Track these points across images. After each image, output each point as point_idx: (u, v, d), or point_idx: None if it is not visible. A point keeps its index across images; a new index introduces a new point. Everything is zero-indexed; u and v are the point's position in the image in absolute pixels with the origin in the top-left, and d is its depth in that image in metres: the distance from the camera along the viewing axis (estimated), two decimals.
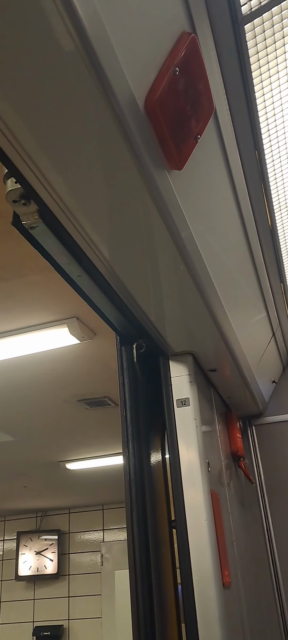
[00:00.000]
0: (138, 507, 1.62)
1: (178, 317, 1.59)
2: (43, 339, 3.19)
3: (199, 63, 0.99)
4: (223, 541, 1.67)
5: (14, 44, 0.75)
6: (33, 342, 3.21)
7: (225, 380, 2.07)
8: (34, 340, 3.20)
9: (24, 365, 3.55)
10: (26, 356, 3.38)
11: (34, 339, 3.18)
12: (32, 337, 3.17)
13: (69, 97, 0.85)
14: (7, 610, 8.29)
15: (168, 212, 1.12)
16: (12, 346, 3.25)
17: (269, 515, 2.44)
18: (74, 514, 8.58)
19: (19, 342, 3.21)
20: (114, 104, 0.86)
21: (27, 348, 3.28)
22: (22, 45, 0.76)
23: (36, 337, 3.18)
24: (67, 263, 1.30)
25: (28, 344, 3.23)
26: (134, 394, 1.74)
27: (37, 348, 3.29)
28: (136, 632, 1.52)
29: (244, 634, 1.78)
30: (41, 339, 3.19)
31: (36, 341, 3.21)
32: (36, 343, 3.23)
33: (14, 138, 0.88)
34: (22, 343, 3.22)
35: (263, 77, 1.17)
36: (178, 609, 1.59)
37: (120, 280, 1.33)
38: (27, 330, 3.16)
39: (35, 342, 3.22)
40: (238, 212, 1.51)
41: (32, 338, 3.18)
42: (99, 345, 3.39)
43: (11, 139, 0.88)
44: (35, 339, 3.19)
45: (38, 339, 3.19)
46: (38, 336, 3.17)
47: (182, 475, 1.61)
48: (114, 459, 5.92)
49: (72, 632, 7.94)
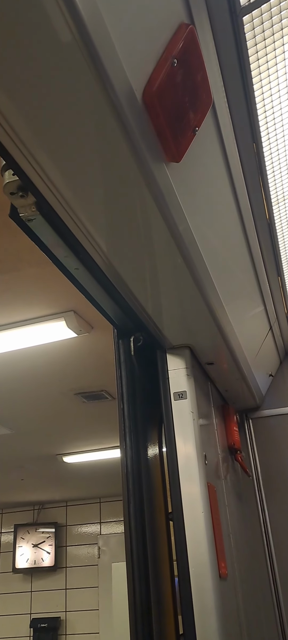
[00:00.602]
0: (135, 500, 1.63)
1: (175, 310, 1.59)
2: (40, 332, 3.19)
3: (197, 55, 0.99)
4: (219, 533, 1.68)
5: (11, 35, 0.75)
6: (30, 335, 3.21)
7: (222, 374, 2.07)
8: (31, 334, 3.20)
9: (21, 358, 3.54)
10: (23, 350, 3.38)
11: (31, 332, 3.18)
12: (29, 330, 3.17)
13: (66, 89, 0.84)
14: (5, 602, 8.32)
15: (165, 205, 1.12)
16: (9, 340, 3.24)
17: (265, 508, 2.45)
18: (71, 507, 8.60)
19: (16, 335, 3.21)
20: (112, 95, 0.86)
21: (24, 342, 3.28)
22: (19, 37, 0.76)
23: (33, 331, 3.18)
24: (65, 256, 1.29)
25: (25, 337, 3.23)
26: (131, 387, 1.74)
27: (34, 342, 3.29)
28: (133, 623, 1.53)
29: (240, 624, 1.79)
30: (38, 333, 3.19)
31: (33, 335, 3.21)
32: (33, 336, 3.23)
33: (12, 130, 0.87)
34: (19, 337, 3.22)
35: (261, 69, 1.17)
36: (175, 600, 1.59)
37: (117, 272, 1.33)
38: (24, 324, 3.16)
39: (32, 336, 3.22)
40: (236, 205, 1.51)
41: (29, 331, 3.18)
42: (96, 338, 3.39)
43: (9, 131, 0.88)
44: (32, 332, 3.19)
45: (35, 333, 3.19)
46: (35, 330, 3.17)
47: (179, 468, 1.61)
48: (110, 452, 5.93)
49: (69, 624, 7.97)
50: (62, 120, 0.89)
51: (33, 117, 0.87)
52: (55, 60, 0.80)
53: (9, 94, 0.83)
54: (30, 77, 0.81)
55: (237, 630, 1.74)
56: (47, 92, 0.84)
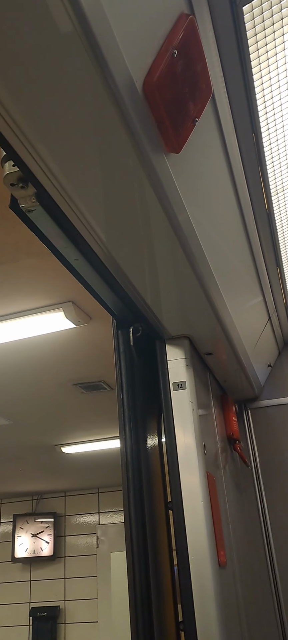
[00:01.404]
0: (135, 489, 1.64)
1: (174, 300, 1.59)
2: (38, 323, 3.19)
3: (197, 45, 0.99)
4: (219, 522, 1.69)
5: (11, 25, 0.75)
6: (28, 326, 3.21)
7: (221, 364, 2.08)
8: (30, 325, 3.20)
9: (20, 349, 3.55)
10: (22, 340, 3.38)
11: (30, 323, 3.18)
12: (27, 321, 3.17)
13: (67, 79, 0.84)
14: (4, 591, 8.37)
15: (165, 195, 1.12)
16: (8, 330, 3.25)
17: (264, 497, 2.46)
18: (70, 497, 8.64)
19: (14, 326, 3.21)
20: (112, 86, 0.86)
21: (22, 332, 3.28)
22: (18, 27, 0.75)
23: (32, 322, 3.18)
24: (64, 246, 1.30)
25: (23, 328, 3.23)
26: (130, 378, 1.75)
27: (33, 332, 3.29)
28: (133, 611, 1.55)
29: (239, 612, 1.81)
30: (37, 323, 3.19)
31: (32, 325, 3.21)
32: (32, 327, 3.23)
33: (12, 121, 0.87)
34: (18, 327, 3.22)
35: (261, 60, 1.16)
36: (175, 588, 1.61)
37: (117, 263, 1.33)
38: (22, 315, 3.16)
39: (31, 327, 3.22)
40: (235, 196, 1.51)
41: (28, 322, 3.18)
42: (94, 329, 3.40)
43: (10, 122, 0.88)
44: (31, 323, 3.19)
45: (33, 323, 3.19)
46: (33, 320, 3.17)
47: (178, 457, 1.62)
48: (109, 443, 5.95)
49: (68, 612, 8.03)
50: (62, 111, 0.89)
51: (33, 108, 0.87)
52: (55, 51, 0.80)
53: (9, 85, 0.83)
54: (30, 68, 0.81)
55: (236, 618, 1.76)
56: (47, 83, 0.84)
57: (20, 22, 0.75)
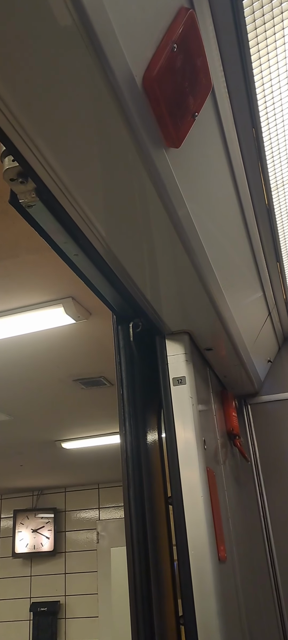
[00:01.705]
0: (135, 484, 1.64)
1: (174, 295, 1.59)
2: (38, 318, 3.19)
3: (197, 39, 0.98)
4: (219, 517, 1.69)
5: (10, 20, 0.74)
6: (28, 322, 3.21)
7: (221, 360, 2.08)
8: (30, 320, 3.20)
9: (20, 345, 3.55)
10: (21, 336, 3.39)
11: (29, 318, 3.19)
12: (27, 317, 3.17)
13: (66, 74, 0.84)
14: (5, 587, 8.39)
15: (165, 190, 1.12)
16: (8, 326, 3.25)
17: (264, 493, 2.47)
18: (70, 493, 8.66)
19: (14, 322, 3.21)
20: (112, 81, 0.85)
21: (22, 328, 3.28)
22: (18, 22, 0.75)
23: (31, 317, 3.18)
24: (64, 242, 1.29)
25: (23, 323, 3.23)
26: (130, 373, 1.75)
27: (33, 328, 3.29)
28: (133, 605, 1.55)
29: (239, 606, 1.81)
30: (36, 319, 3.19)
31: (31, 321, 3.21)
32: (31, 323, 3.23)
33: (12, 116, 0.87)
34: (18, 323, 3.22)
35: (261, 54, 1.16)
36: (175, 583, 1.61)
37: (116, 258, 1.33)
38: (22, 310, 3.16)
39: (31, 322, 3.22)
40: (235, 191, 1.51)
41: (28, 318, 3.18)
42: (94, 325, 3.40)
43: (9, 117, 0.87)
44: (31, 318, 3.19)
45: (33, 319, 3.19)
46: (33, 316, 3.17)
47: (178, 452, 1.62)
48: (109, 439, 5.96)
49: (69, 607, 8.05)
50: (62, 105, 0.89)
51: (33, 103, 0.87)
52: (54, 45, 0.80)
53: (8, 80, 0.83)
54: (29, 62, 0.81)
55: (236, 612, 1.76)
56: (46, 77, 0.84)
57: (19, 15, 0.74)
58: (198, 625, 1.46)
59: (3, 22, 0.74)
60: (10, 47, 0.78)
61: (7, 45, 0.77)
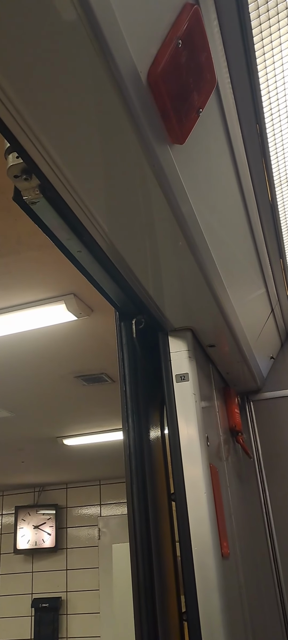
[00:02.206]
0: (138, 480, 1.64)
1: (177, 292, 1.59)
2: (40, 315, 3.19)
3: (202, 35, 0.98)
4: (222, 513, 1.70)
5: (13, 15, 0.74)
6: (30, 318, 3.21)
7: (223, 356, 2.08)
8: (31, 317, 3.20)
9: (21, 341, 3.55)
10: (23, 333, 3.39)
11: (31, 315, 3.19)
12: (29, 313, 3.17)
13: (71, 70, 0.84)
14: (6, 583, 8.41)
15: (169, 186, 1.12)
16: (9, 323, 3.25)
17: (266, 489, 2.47)
18: (72, 489, 8.67)
19: (16, 318, 3.21)
20: (117, 77, 0.85)
21: (24, 325, 3.28)
22: (21, 17, 0.75)
23: (33, 314, 3.18)
24: (67, 238, 1.29)
25: (25, 320, 3.23)
26: (133, 370, 1.75)
27: (34, 325, 3.29)
28: (137, 601, 1.55)
29: (242, 602, 1.82)
30: (38, 316, 3.19)
31: (33, 318, 3.21)
32: (33, 320, 3.23)
33: (16, 112, 0.87)
34: (19, 320, 3.22)
35: (265, 50, 1.16)
36: (178, 579, 1.61)
37: (120, 254, 1.33)
38: (24, 307, 3.16)
39: (33, 319, 3.22)
40: (239, 187, 1.51)
41: (29, 315, 3.18)
42: (96, 321, 3.40)
43: (14, 114, 0.87)
44: (33, 315, 3.19)
45: (35, 316, 3.19)
46: (35, 313, 3.17)
47: (181, 449, 1.63)
48: (110, 435, 5.97)
49: (70, 603, 8.07)
50: (66, 101, 0.89)
51: (37, 99, 0.87)
52: (59, 40, 0.79)
53: (13, 76, 0.82)
54: (34, 58, 0.81)
55: (239, 608, 1.76)
56: (51, 73, 0.83)
57: (22, 10, 0.74)
58: (201, 621, 1.46)
59: (7, 19, 0.74)
60: (13, 44, 0.78)
61: (11, 42, 0.77)
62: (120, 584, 6.79)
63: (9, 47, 0.78)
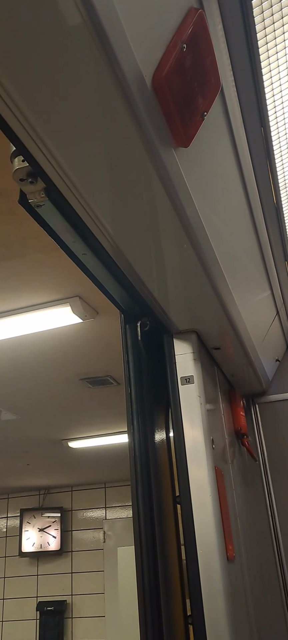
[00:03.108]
0: (143, 482, 1.64)
1: (182, 294, 1.59)
2: (45, 318, 3.20)
3: (206, 39, 0.98)
4: (227, 516, 1.69)
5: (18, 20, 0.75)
6: (35, 321, 3.22)
7: (228, 359, 2.08)
8: (37, 320, 3.21)
9: (27, 344, 3.56)
10: (29, 335, 3.40)
11: (37, 318, 3.20)
12: (34, 316, 3.18)
13: (76, 74, 0.84)
14: (12, 586, 8.42)
15: (174, 189, 1.12)
16: (15, 325, 3.26)
17: (272, 492, 2.46)
18: (77, 492, 8.67)
19: (21, 321, 3.22)
20: (122, 81, 0.86)
21: (29, 327, 3.29)
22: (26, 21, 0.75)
23: (38, 316, 3.19)
24: (73, 241, 1.30)
25: (30, 323, 3.24)
26: (138, 372, 1.75)
27: (40, 327, 3.30)
28: (142, 604, 1.55)
29: (247, 605, 1.81)
30: (43, 318, 3.20)
31: (38, 320, 3.22)
32: (38, 322, 3.24)
33: (22, 116, 0.88)
34: (25, 322, 3.23)
35: (270, 53, 1.16)
36: (183, 582, 1.61)
37: (125, 257, 1.34)
38: (29, 310, 3.17)
39: (38, 321, 3.23)
40: (244, 189, 1.51)
41: (35, 317, 3.19)
42: (101, 324, 3.40)
43: (20, 118, 0.88)
44: (38, 318, 3.20)
45: (40, 318, 3.20)
46: (40, 315, 3.18)
47: (186, 452, 1.63)
48: (116, 438, 5.97)
49: (75, 607, 8.07)
50: (71, 105, 0.89)
51: (43, 103, 0.88)
52: (64, 45, 0.80)
53: (18, 80, 0.83)
54: (39, 62, 0.81)
55: (244, 612, 1.76)
56: (56, 77, 0.84)
57: (27, 15, 0.75)
58: (207, 625, 1.46)
59: (12, 24, 0.75)
60: (18, 48, 0.78)
61: (15, 46, 0.78)
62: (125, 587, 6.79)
63: (14, 52, 0.79)
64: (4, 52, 0.78)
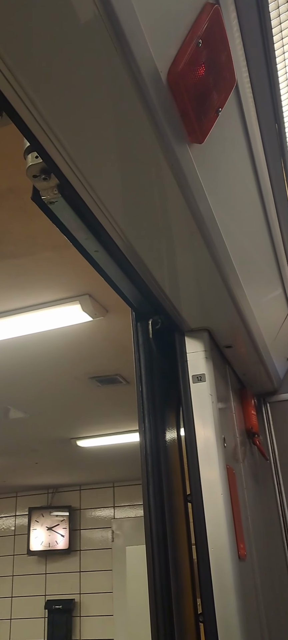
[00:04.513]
0: (154, 481, 1.64)
1: (194, 292, 1.59)
2: (55, 316, 3.20)
3: (222, 35, 0.98)
4: (238, 515, 1.69)
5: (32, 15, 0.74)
6: (45, 319, 3.23)
7: (240, 357, 2.07)
8: (46, 318, 3.22)
9: (36, 342, 3.57)
10: (38, 334, 3.40)
11: (46, 316, 3.20)
12: (44, 314, 3.19)
13: (91, 69, 0.84)
14: (20, 584, 8.45)
15: (187, 185, 1.12)
16: (25, 323, 3.27)
17: (283, 491, 2.45)
18: (85, 491, 8.68)
19: (31, 319, 3.23)
20: (137, 76, 0.85)
21: (39, 325, 3.30)
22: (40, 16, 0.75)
23: (48, 315, 3.19)
24: (85, 238, 1.30)
25: (40, 321, 3.25)
26: (149, 370, 1.75)
27: (49, 325, 3.30)
28: (153, 602, 1.55)
29: (258, 604, 1.80)
30: (53, 316, 3.21)
31: (48, 318, 3.22)
32: (48, 320, 3.24)
33: (37, 112, 0.88)
34: (34, 320, 3.24)
35: (285, 49, 1.15)
36: (194, 580, 1.61)
37: (137, 254, 1.33)
38: (39, 308, 3.17)
39: (47, 320, 3.24)
40: (257, 186, 1.50)
41: (44, 315, 3.20)
42: (111, 322, 3.40)
43: (34, 113, 0.88)
44: (48, 316, 3.20)
45: (50, 316, 3.21)
46: (50, 313, 3.19)
47: (198, 450, 1.62)
48: (124, 437, 5.96)
49: (84, 606, 8.08)
50: (86, 101, 0.89)
51: (58, 99, 0.88)
52: (80, 40, 0.80)
53: (34, 78, 0.83)
54: (54, 58, 0.81)
55: (255, 610, 1.75)
56: (72, 73, 0.84)
57: (42, 9, 0.74)
58: (218, 623, 1.46)
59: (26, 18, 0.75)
60: (33, 43, 0.78)
61: (30, 43, 0.78)
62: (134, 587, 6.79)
63: (27, 46, 0.78)
64: (20, 49, 0.78)
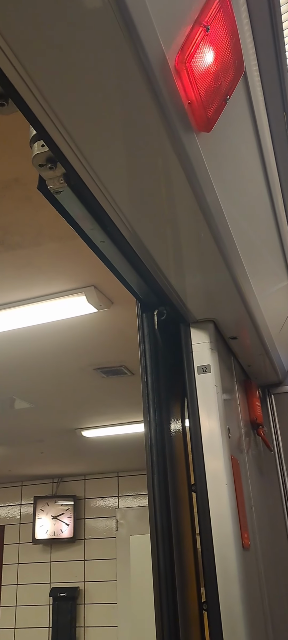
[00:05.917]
0: (159, 471, 1.64)
1: (200, 283, 1.58)
2: (60, 307, 3.20)
3: (231, 22, 0.97)
4: (242, 505, 1.69)
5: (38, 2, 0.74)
6: (50, 310, 3.22)
7: (245, 349, 2.06)
8: (51, 309, 3.21)
9: (42, 333, 3.57)
10: (43, 325, 3.40)
11: (51, 307, 3.20)
12: (49, 305, 3.18)
13: (99, 56, 0.84)
14: (25, 572, 8.51)
15: (194, 175, 1.11)
16: (30, 314, 3.27)
17: (287, 481, 2.45)
18: (90, 481, 8.72)
19: (36, 310, 3.22)
20: (145, 63, 0.85)
21: (44, 317, 3.29)
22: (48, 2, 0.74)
23: (53, 306, 3.19)
24: (91, 228, 1.30)
25: (45, 312, 3.24)
26: (154, 361, 1.75)
27: (55, 317, 3.30)
28: (157, 591, 1.56)
29: (262, 593, 1.81)
30: (58, 308, 3.20)
31: (53, 310, 3.22)
32: (53, 311, 3.24)
33: (45, 101, 0.87)
34: (40, 311, 3.24)
35: None
36: (198, 570, 1.62)
37: (143, 244, 1.33)
38: (44, 299, 3.17)
39: (53, 311, 3.23)
40: (264, 177, 1.49)
41: (50, 306, 3.19)
42: (116, 314, 3.40)
43: (43, 103, 0.88)
44: (53, 307, 3.20)
45: (55, 308, 3.20)
46: (55, 304, 3.18)
47: (202, 441, 1.62)
48: (129, 428, 5.98)
49: (88, 593, 8.13)
50: (94, 88, 0.89)
51: (65, 86, 0.87)
52: (88, 26, 0.79)
53: (41, 66, 0.83)
54: (62, 45, 0.81)
55: (259, 599, 1.76)
56: (79, 60, 0.83)
57: None
58: (222, 611, 1.47)
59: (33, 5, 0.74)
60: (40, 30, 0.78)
61: (37, 28, 0.77)
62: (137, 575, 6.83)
63: (36, 34, 0.78)
64: (27, 36, 0.77)
